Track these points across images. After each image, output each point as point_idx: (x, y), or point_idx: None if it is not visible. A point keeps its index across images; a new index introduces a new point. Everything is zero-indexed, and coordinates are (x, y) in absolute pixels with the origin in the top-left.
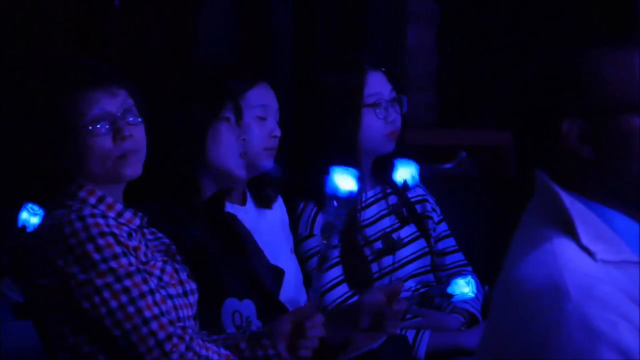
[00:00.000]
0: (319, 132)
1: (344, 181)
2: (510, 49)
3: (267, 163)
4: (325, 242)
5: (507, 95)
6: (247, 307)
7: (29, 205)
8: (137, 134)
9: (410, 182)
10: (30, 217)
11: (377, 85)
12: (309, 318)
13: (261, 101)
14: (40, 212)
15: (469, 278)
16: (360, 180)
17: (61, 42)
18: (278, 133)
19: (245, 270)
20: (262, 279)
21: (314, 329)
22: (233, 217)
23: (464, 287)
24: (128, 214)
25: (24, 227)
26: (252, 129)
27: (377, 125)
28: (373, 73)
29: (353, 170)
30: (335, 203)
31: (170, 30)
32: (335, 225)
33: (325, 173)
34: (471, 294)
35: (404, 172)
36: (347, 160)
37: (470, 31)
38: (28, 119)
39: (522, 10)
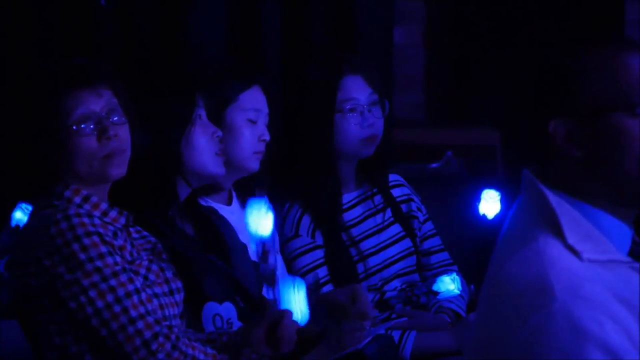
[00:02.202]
0: (299, 134)
1: (258, 222)
2: (497, 48)
3: (255, 166)
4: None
5: (494, 95)
6: (227, 310)
7: (23, 205)
8: (121, 134)
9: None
10: (24, 216)
11: (354, 89)
12: (280, 320)
13: (254, 105)
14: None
15: (454, 275)
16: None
17: (47, 42)
18: (267, 137)
19: (224, 273)
20: (242, 279)
21: (286, 329)
22: (212, 210)
23: (449, 284)
24: (113, 213)
25: (17, 226)
26: (242, 132)
27: (352, 130)
28: (350, 77)
29: (262, 203)
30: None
31: (159, 31)
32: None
33: (307, 175)
34: (456, 291)
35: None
36: (324, 163)
37: (458, 30)
38: (15, 119)
39: (509, 10)
